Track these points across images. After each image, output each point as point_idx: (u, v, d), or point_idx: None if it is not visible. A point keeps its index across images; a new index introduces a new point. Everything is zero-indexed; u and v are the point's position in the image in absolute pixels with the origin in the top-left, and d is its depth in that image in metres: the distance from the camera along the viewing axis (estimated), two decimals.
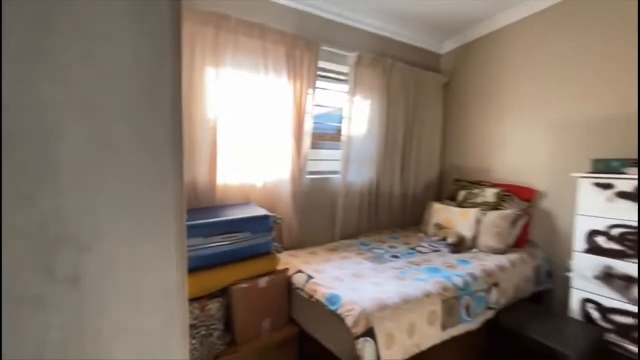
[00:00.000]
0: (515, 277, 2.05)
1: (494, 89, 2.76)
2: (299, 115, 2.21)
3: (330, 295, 1.53)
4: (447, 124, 3.19)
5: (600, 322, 1.76)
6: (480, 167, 2.89)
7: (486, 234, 2.30)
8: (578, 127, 2.22)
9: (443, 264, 2.01)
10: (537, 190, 2.45)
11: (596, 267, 1.78)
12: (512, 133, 2.64)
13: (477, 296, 1.78)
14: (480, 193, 2.60)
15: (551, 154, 2.38)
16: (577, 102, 2.23)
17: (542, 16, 2.41)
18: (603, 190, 1.75)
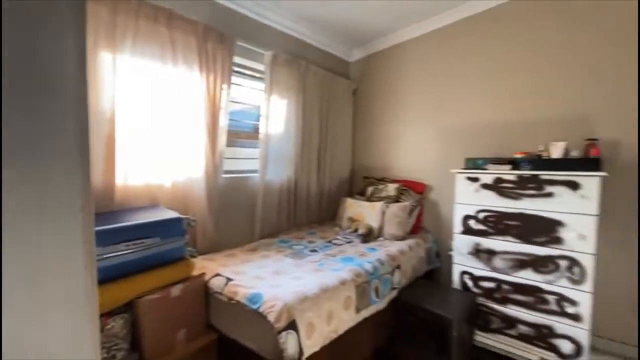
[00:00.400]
0: (413, 259, 2.40)
1: (395, 96, 3.15)
2: (212, 111, 2.10)
3: (251, 294, 1.52)
4: (356, 126, 3.49)
5: (473, 288, 2.21)
6: (384, 166, 3.25)
7: (389, 224, 2.61)
8: (457, 132, 2.72)
9: (355, 253, 2.20)
10: (427, 184, 2.90)
11: (469, 244, 2.21)
12: (409, 136, 3.05)
13: (384, 278, 2.01)
14: (384, 188, 2.93)
15: (437, 154, 2.84)
16: (456, 112, 2.72)
17: (431, 36, 2.86)
18: (472, 182, 2.19)
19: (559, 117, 2.22)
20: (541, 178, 1.92)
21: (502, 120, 2.47)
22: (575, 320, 1.82)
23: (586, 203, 1.77)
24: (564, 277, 1.85)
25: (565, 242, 1.84)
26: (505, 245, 2.06)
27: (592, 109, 2.10)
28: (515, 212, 2.01)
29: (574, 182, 1.81)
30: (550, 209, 1.89)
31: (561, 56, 2.20)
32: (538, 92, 2.30)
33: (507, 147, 2.39)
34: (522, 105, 2.37)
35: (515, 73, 2.40)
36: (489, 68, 2.53)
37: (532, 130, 2.32)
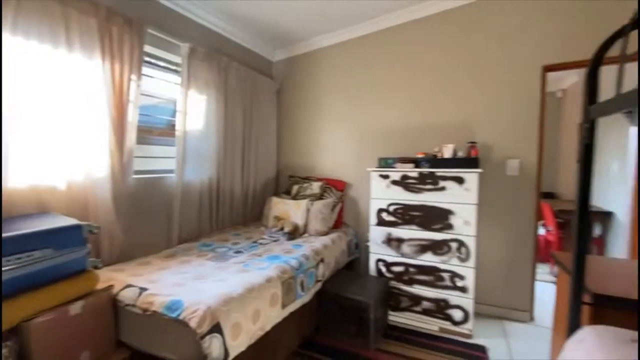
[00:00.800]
0: (336, 252, 2.56)
1: (316, 99, 3.29)
2: (119, 104, 1.88)
3: (170, 302, 1.43)
4: (281, 126, 3.53)
5: (386, 273, 2.48)
6: (308, 165, 3.37)
7: (314, 220, 2.73)
8: (371, 134, 2.99)
9: (281, 250, 2.25)
10: (347, 182, 3.12)
11: (382, 234, 2.48)
12: (330, 137, 3.23)
13: (309, 272, 2.11)
14: (308, 186, 3.05)
15: (355, 154, 3.09)
16: (369, 116, 3.00)
17: (345, 45, 3.08)
18: (384, 179, 2.45)
19: (449, 124, 2.64)
20: (436, 175, 2.27)
21: (407, 125, 2.82)
22: (464, 292, 2.21)
23: (469, 194, 2.17)
24: (454, 257, 2.23)
25: (455, 228, 2.22)
26: (411, 233, 2.37)
27: (473, 118, 2.57)
28: (418, 204, 2.33)
29: (460, 177, 2.19)
30: (443, 200, 2.25)
31: (451, 73, 2.63)
32: (434, 102, 2.71)
33: (411, 148, 2.75)
34: (422, 113, 2.75)
35: (416, 85, 2.77)
36: (394, 78, 2.85)
37: (430, 134, 2.71)
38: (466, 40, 2.56)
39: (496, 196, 2.50)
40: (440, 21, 2.64)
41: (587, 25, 2.17)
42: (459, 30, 2.58)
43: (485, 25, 2.48)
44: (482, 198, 2.40)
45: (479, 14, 2.50)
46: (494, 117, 2.50)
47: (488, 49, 2.49)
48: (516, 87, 2.41)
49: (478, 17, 2.50)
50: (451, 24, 2.60)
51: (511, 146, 2.46)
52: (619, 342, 1.07)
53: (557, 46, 2.27)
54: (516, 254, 2.47)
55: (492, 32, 2.47)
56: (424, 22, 2.70)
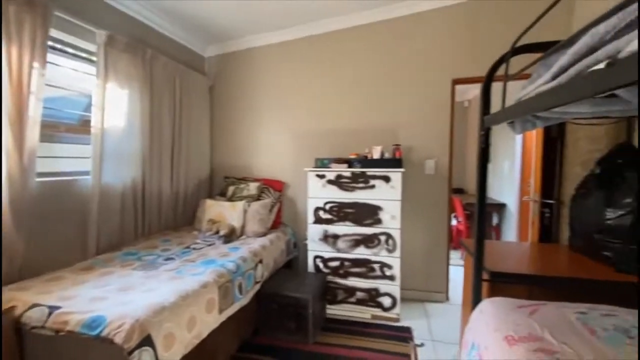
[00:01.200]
0: (274, 252, 2.58)
1: (251, 98, 3.25)
2: (18, 96, 1.61)
3: (89, 319, 1.29)
4: (215, 125, 3.40)
5: (323, 269, 2.59)
6: (244, 165, 3.31)
7: (251, 221, 2.70)
8: (308, 135, 3.08)
9: (217, 254, 2.18)
10: (285, 182, 3.16)
11: (319, 232, 2.58)
12: (267, 137, 3.23)
13: (248, 274, 2.09)
14: (245, 187, 3.00)
15: (292, 154, 3.14)
16: (305, 117, 3.08)
17: (280, 47, 3.11)
18: (320, 179, 2.56)
19: (377, 127, 2.88)
20: (367, 174, 2.45)
21: (340, 127, 2.98)
22: (392, 280, 2.44)
23: (394, 192, 2.40)
24: (383, 249, 2.44)
25: (383, 222, 2.43)
26: (345, 229, 2.52)
27: (396, 122, 2.84)
28: (351, 201, 2.49)
29: (387, 176, 2.41)
30: (373, 198, 2.45)
31: (378, 80, 2.87)
32: (364, 106, 2.91)
33: (345, 149, 2.91)
34: (354, 116, 2.94)
35: (348, 90, 2.95)
36: (328, 82, 3.00)
37: (361, 136, 2.91)
38: (391, 52, 2.82)
39: (416, 192, 2.81)
40: (369, 32, 2.86)
41: (486, 47, 2.59)
42: (385, 42, 2.83)
43: (407, 40, 2.77)
44: (405, 195, 2.67)
45: (402, 29, 2.78)
46: (414, 122, 2.80)
47: (409, 61, 2.78)
48: (432, 96, 2.75)
49: (401, 32, 2.78)
50: (379, 36, 2.84)
51: (428, 148, 2.79)
52: (509, 309, 1.33)
53: (464, 63, 2.66)
54: (433, 242, 2.81)
55: (413, 47, 2.76)
56: (354, 31, 2.89)
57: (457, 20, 2.64)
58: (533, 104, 0.95)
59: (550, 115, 1.12)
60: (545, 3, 0.95)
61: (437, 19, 2.68)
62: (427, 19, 2.71)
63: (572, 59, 0.77)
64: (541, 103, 0.90)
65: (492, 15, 2.55)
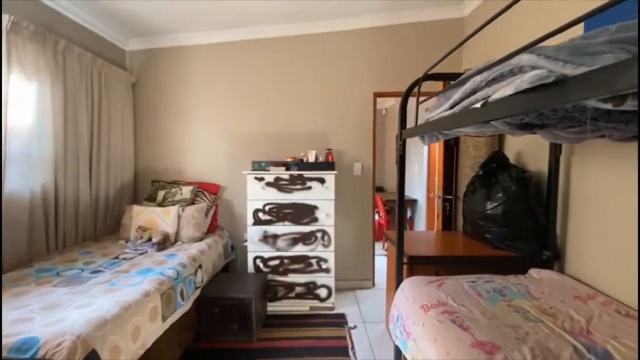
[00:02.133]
0: (213, 256, 2.57)
1: (185, 98, 3.13)
2: None
3: (18, 342, 1.17)
4: (140, 125, 3.16)
5: (264, 269, 2.68)
6: (175, 168, 3.16)
7: (186, 227, 2.63)
8: (243, 138, 3.12)
9: (153, 262, 2.09)
10: (221, 185, 3.14)
11: (259, 233, 2.67)
12: (201, 139, 3.15)
13: (188, 280, 2.07)
14: (177, 191, 2.88)
15: (228, 157, 3.14)
16: (241, 120, 3.12)
17: (215, 47, 3.08)
18: (259, 181, 2.65)
19: (312, 132, 3.10)
20: (304, 176, 2.65)
21: (277, 131, 3.11)
22: (327, 273, 2.68)
23: (329, 192, 2.65)
24: (320, 245, 2.67)
25: (319, 220, 2.66)
26: (284, 228, 2.66)
27: (328, 128, 3.11)
28: (290, 202, 2.65)
29: (322, 178, 2.65)
30: (310, 198, 2.65)
31: (312, 88, 3.09)
32: (299, 112, 3.10)
33: (282, 152, 3.06)
34: (290, 121, 3.11)
35: (284, 95, 3.10)
36: (265, 87, 3.09)
37: (297, 140, 3.09)
38: (322, 63, 3.07)
39: (346, 192, 3.12)
40: (301, 43, 3.05)
41: (403, 66, 3.03)
42: (316, 54, 3.06)
43: (334, 55, 3.06)
44: (337, 194, 2.95)
45: (329, 44, 3.05)
46: (343, 129, 3.11)
47: (337, 73, 3.07)
48: (357, 106, 3.09)
49: (329, 47, 3.05)
50: (310, 47, 3.06)
51: (355, 152, 3.13)
52: (423, 284, 1.67)
53: (384, 79, 3.06)
54: (361, 236, 3.17)
55: (340, 61, 3.06)
56: (287, 40, 3.05)
57: (376, 41, 3.03)
58: (437, 125, 1.26)
59: (449, 132, 1.47)
60: (446, 41, 1.27)
61: (359, 39, 3.03)
62: (349, 38, 3.03)
63: (461, 96, 1.08)
64: (443, 124, 1.22)
65: (408, 40, 3.01)
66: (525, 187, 1.86)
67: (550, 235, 1.79)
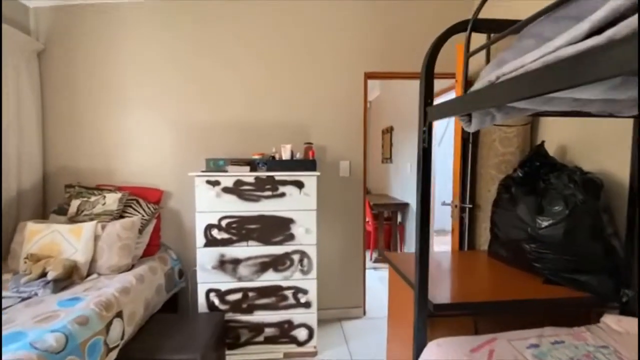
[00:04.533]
0: (145, 292, 1.82)
1: (112, 75, 2.32)
2: None
3: None
4: (49, 109, 2.32)
5: (220, 306, 1.96)
6: (101, 169, 2.35)
7: (107, 251, 1.86)
8: (196, 129, 2.36)
9: (33, 319, 1.32)
10: (164, 191, 2.36)
11: (213, 257, 1.95)
12: (135, 129, 2.35)
13: (89, 345, 1.32)
14: (99, 200, 2.09)
15: (176, 154, 2.37)
16: (195, 106, 2.36)
17: (159, 9, 2.30)
18: (212, 186, 1.92)
19: (286, 122, 2.40)
20: (276, 179, 1.95)
21: (240, 119, 2.38)
22: (308, 307, 2.01)
23: (309, 200, 1.98)
24: (297, 271, 1.99)
25: (296, 238, 1.98)
26: (249, 250, 1.96)
27: (307, 117, 2.42)
28: (256, 214, 1.95)
29: (300, 181, 1.97)
30: (284, 208, 1.96)
31: (288, 65, 2.39)
32: (271, 97, 2.39)
33: (247, 148, 2.34)
34: (258, 108, 2.39)
35: (251, 76, 2.37)
36: (226, 65, 2.35)
37: (267, 132, 2.39)
38: (300, 35, 2.38)
39: (331, 198, 2.46)
40: (274, 11, 2.34)
41: (400, 43, 2.41)
42: (293, 23, 2.36)
43: (316, 27, 2.37)
44: (320, 202, 2.29)
45: (311, 15, 2.36)
46: (327, 117, 2.44)
47: (320, 47, 2.40)
48: (344, 90, 2.43)
49: (310, 17, 2.36)
50: (286, 14, 2.35)
51: (342, 147, 2.47)
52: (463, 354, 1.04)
53: (377, 57, 2.42)
54: (349, 252, 2.52)
55: (324, 32, 2.38)
56: (257, 4, 2.33)
57: (367, 7, 2.38)
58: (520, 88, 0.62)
59: (527, 106, 0.84)
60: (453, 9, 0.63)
61: (347, 9, 2.37)
62: (337, 7, 2.37)
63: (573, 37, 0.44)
64: (539, 85, 0.57)
65: (407, 8, 2.38)
66: (595, 197, 1.29)
67: (631, 265, 1.23)
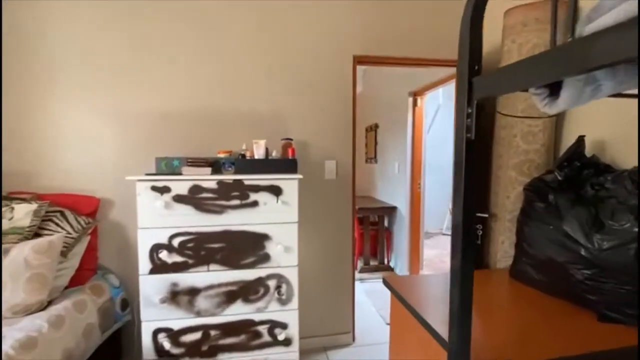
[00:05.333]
0: (64, 339, 1.33)
1: (32, 47, 1.79)
2: None
3: None
4: None
5: (172, 349, 1.50)
6: (19, 170, 1.81)
7: (10, 285, 1.35)
8: (142, 120, 1.88)
9: None
10: (102, 199, 1.85)
11: (163, 287, 1.48)
12: (64, 120, 1.83)
13: None
14: (5, 214, 1.56)
15: (118, 151, 1.87)
16: (136, 92, 1.87)
17: None
18: (160, 195, 1.46)
19: (260, 113, 1.97)
20: (246, 184, 1.52)
21: (202, 109, 1.92)
22: (287, 346, 1.59)
23: (289, 210, 1.56)
24: (273, 300, 1.57)
25: (273, 258, 1.56)
26: (210, 277, 1.51)
27: (286, 107, 2.01)
28: (219, 230, 1.51)
29: (277, 186, 1.55)
30: (256, 222, 1.54)
31: (260, 45, 1.96)
32: (240, 81, 1.95)
33: (209, 144, 1.89)
34: (224, 94, 1.94)
35: (213, 53, 1.92)
36: (177, 40, 1.89)
37: (236, 125, 1.94)
38: (276, 10, 1.95)
39: (314, 205, 2.06)
40: None
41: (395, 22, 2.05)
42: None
43: None
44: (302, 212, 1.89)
45: None
46: (309, 108, 2.04)
47: (301, 24, 1.99)
48: (329, 75, 2.04)
49: None
50: None
51: (328, 144, 2.08)
52: None
53: (368, 38, 2.05)
54: (335, 267, 2.13)
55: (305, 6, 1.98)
56: None
57: None
58: None
59: None
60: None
61: None
62: None
63: None
64: None
65: None
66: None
67: None
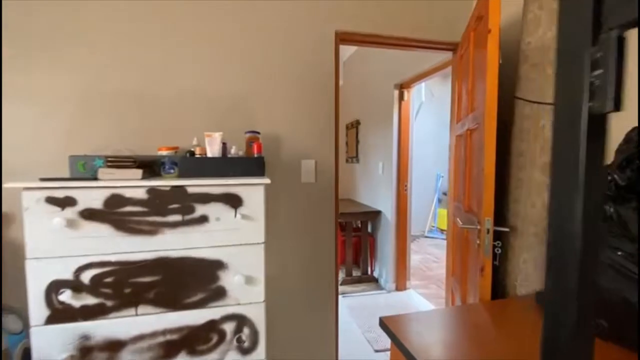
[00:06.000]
0: None
1: None
2: None
3: None
4: None
5: None
6: None
7: None
8: (59, 103, 1.40)
9: None
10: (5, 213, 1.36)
11: (68, 341, 1.03)
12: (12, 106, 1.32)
13: None
14: None
15: (26, 146, 1.39)
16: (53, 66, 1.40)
17: None
18: (60, 209, 1.00)
19: (218, 98, 1.55)
20: (190, 192, 1.10)
21: (143, 93, 1.47)
22: None
23: (252, 226, 1.15)
24: (232, 350, 1.16)
25: (229, 294, 1.14)
26: (139, 323, 1.08)
27: (251, 92, 1.59)
28: (152, 257, 1.08)
29: (236, 195, 1.14)
30: (205, 245, 1.12)
31: (221, 15, 1.54)
32: (193, 56, 1.52)
33: (146, 138, 1.44)
34: (169, 73, 1.50)
35: (161, 25, 1.48)
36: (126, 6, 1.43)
37: (183, 113, 1.51)
38: None
39: (288, 218, 1.66)
40: None
41: None
42: None
43: None
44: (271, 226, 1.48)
45: None
46: (280, 94, 1.64)
47: None
48: (306, 55, 1.65)
49: None
50: None
51: (304, 139, 1.69)
52: None
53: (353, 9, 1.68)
54: (315, 290, 1.75)
55: None
56: None
57: None
58: None
59: None
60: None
61: None
62: None
63: None
64: None
65: None
66: None
67: None
